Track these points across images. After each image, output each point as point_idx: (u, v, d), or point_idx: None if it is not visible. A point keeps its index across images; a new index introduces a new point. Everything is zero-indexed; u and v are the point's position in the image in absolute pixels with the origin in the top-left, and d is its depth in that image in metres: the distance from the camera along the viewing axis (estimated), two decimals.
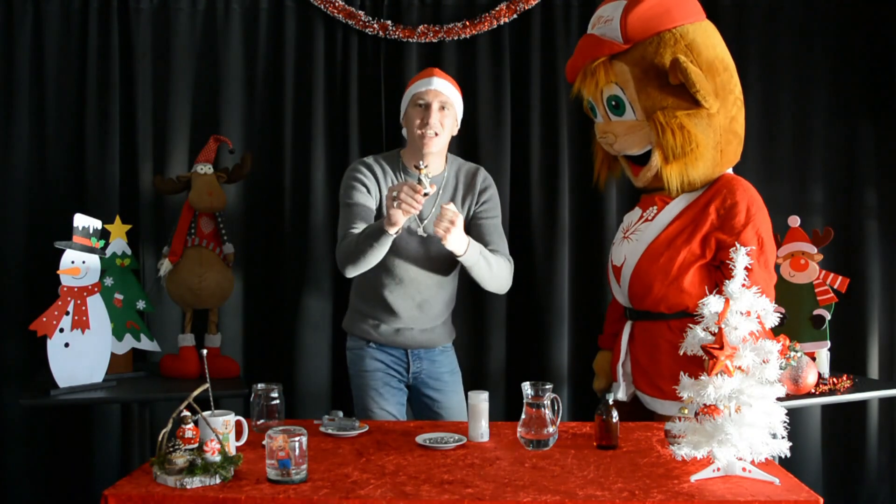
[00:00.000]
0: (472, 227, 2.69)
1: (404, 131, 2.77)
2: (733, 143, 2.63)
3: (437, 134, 2.61)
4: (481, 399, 2.27)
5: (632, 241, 2.62)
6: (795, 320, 3.05)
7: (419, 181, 2.30)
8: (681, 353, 2.05)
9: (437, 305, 2.72)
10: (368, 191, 2.64)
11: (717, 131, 2.56)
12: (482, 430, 2.26)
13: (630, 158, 2.69)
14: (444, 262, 2.66)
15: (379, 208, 2.66)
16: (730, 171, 2.68)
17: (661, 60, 2.52)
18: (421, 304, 2.68)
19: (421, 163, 2.37)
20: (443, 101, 2.62)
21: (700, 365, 2.27)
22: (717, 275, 2.51)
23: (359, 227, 2.55)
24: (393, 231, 2.39)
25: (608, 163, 2.84)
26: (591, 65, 2.57)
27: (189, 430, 1.95)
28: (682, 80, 2.47)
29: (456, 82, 2.76)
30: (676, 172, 2.54)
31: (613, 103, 2.60)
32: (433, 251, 2.63)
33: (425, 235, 2.63)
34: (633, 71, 2.54)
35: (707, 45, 2.58)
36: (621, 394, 2.64)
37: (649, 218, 2.61)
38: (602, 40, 2.57)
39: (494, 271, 2.59)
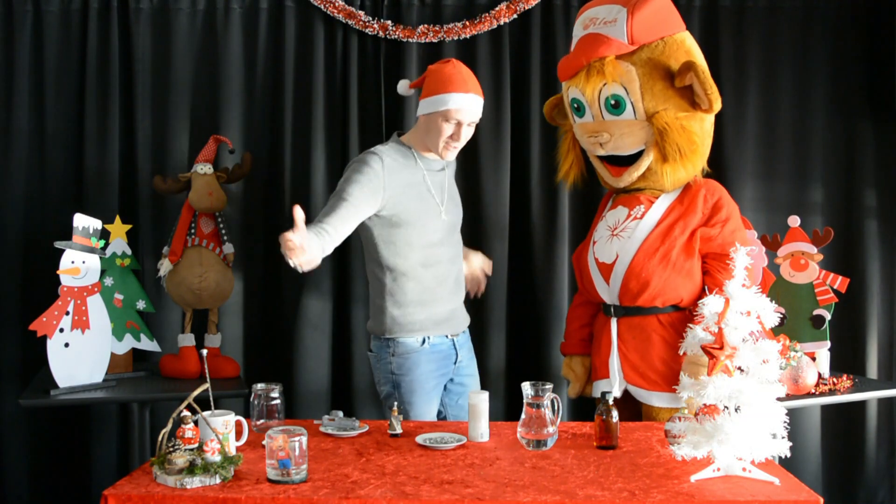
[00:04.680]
0: None
1: (403, 89, 2.72)
2: (709, 146, 2.76)
3: (460, 146, 2.64)
4: (481, 399, 2.27)
5: (622, 238, 2.68)
6: (795, 320, 3.04)
7: (390, 424, 2.32)
8: (680, 352, 2.10)
9: (462, 277, 2.79)
10: (373, 190, 2.52)
11: (707, 134, 2.69)
12: (482, 430, 2.26)
13: (610, 160, 2.74)
14: (457, 232, 2.78)
15: (405, 208, 2.61)
16: None
17: (667, 63, 2.61)
18: (457, 279, 2.74)
19: (395, 403, 2.42)
20: (473, 120, 2.62)
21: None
22: (704, 267, 2.66)
23: (334, 223, 2.45)
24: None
25: (579, 165, 2.92)
26: (597, 62, 2.60)
27: (189, 430, 1.95)
28: (688, 84, 2.57)
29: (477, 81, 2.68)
30: (672, 171, 2.63)
31: (613, 102, 2.64)
32: (452, 227, 2.73)
33: (447, 218, 2.69)
34: (639, 71, 2.61)
35: (697, 52, 2.72)
36: (617, 391, 2.69)
37: (638, 216, 2.69)
38: (609, 39, 2.61)
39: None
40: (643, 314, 2.66)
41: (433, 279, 2.64)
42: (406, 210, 2.58)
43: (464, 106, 2.55)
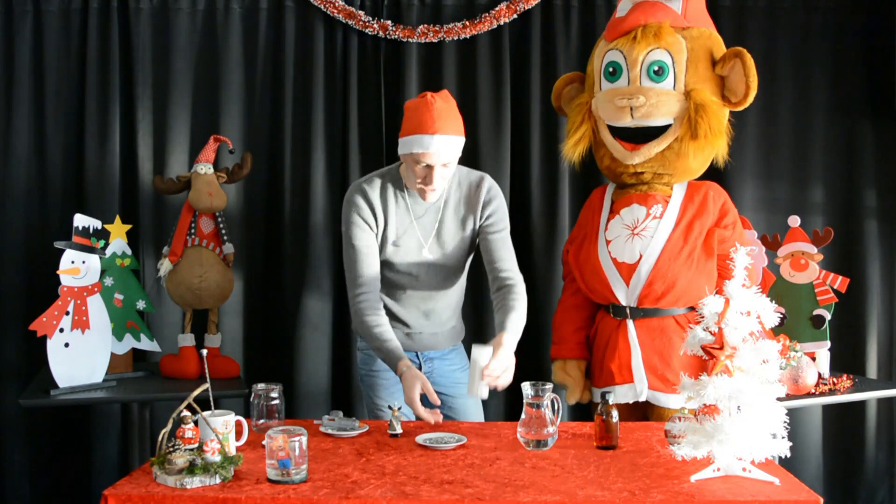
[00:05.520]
0: (480, 243, 2.61)
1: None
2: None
3: (436, 189, 2.48)
4: (482, 354, 2.24)
5: (644, 238, 2.67)
6: (795, 320, 3.05)
7: (390, 424, 2.31)
8: (680, 353, 2.11)
9: (444, 312, 2.69)
10: (369, 225, 2.53)
11: (725, 129, 2.74)
12: (481, 386, 2.25)
13: (628, 136, 2.73)
14: (447, 275, 2.64)
15: (383, 235, 2.56)
16: None
17: (712, 49, 2.73)
18: (427, 312, 2.67)
19: (395, 403, 2.37)
20: (445, 160, 2.42)
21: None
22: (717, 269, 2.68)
23: (366, 278, 2.49)
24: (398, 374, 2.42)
25: (587, 140, 2.86)
26: (654, 24, 2.69)
27: (189, 430, 1.95)
28: (727, 74, 2.68)
29: (456, 105, 2.47)
30: (696, 151, 2.69)
31: (656, 69, 2.69)
32: (436, 267, 2.60)
33: (431, 258, 2.57)
34: (689, 45, 2.70)
35: None
36: (643, 395, 2.67)
37: (657, 215, 2.70)
38: (668, 7, 2.72)
39: (524, 321, 2.52)
40: (661, 315, 2.66)
41: (394, 303, 2.64)
42: (383, 243, 2.56)
43: (432, 149, 2.37)
